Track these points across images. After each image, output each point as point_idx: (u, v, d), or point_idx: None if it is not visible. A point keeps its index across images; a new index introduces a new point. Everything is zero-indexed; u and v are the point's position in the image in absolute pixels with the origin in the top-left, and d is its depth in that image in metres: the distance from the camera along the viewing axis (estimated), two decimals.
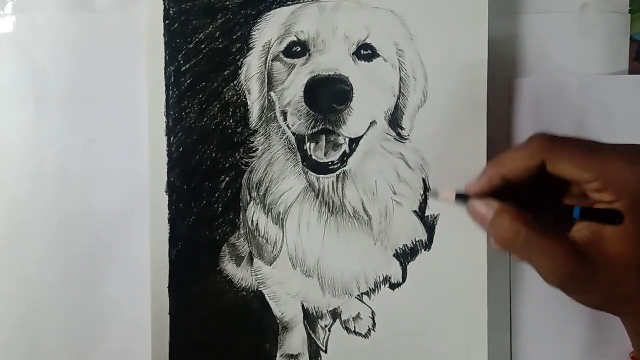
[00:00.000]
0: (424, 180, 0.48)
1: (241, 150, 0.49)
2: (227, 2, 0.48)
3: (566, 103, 0.49)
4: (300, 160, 0.48)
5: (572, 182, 0.36)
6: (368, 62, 0.47)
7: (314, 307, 0.49)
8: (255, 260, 0.49)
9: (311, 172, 0.48)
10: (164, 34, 0.48)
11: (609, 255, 0.34)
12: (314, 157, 0.47)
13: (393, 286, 0.48)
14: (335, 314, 0.49)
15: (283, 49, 0.48)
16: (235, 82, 0.48)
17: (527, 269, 0.48)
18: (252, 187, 0.49)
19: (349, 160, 0.47)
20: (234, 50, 0.48)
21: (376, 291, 0.48)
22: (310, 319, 0.49)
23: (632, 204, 0.34)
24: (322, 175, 0.48)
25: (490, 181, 0.38)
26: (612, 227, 0.34)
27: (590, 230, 0.35)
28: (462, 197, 0.40)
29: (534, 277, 0.48)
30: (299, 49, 0.48)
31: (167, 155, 0.49)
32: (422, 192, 0.48)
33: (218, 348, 0.49)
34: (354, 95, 0.46)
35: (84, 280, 0.51)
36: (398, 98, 0.48)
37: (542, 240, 0.36)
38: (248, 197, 0.49)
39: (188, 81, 0.48)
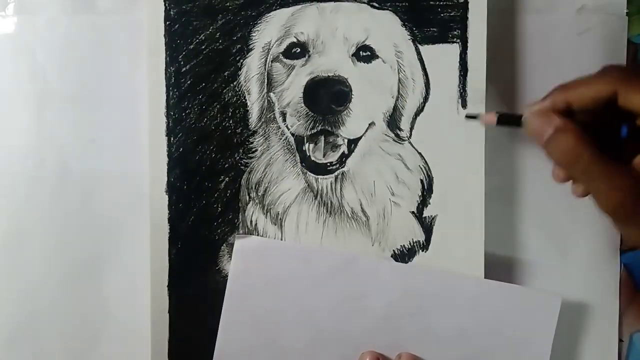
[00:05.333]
0: (422, 181, 0.48)
1: (240, 150, 0.49)
2: (228, 4, 0.48)
3: None
4: (299, 161, 0.48)
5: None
6: (367, 63, 0.48)
7: None
8: None
9: (310, 173, 0.48)
10: (164, 35, 0.48)
11: None
12: (312, 158, 0.48)
13: None
14: None
15: (283, 50, 0.48)
16: (235, 83, 0.49)
17: (524, 271, 0.49)
18: (251, 188, 0.49)
19: (347, 161, 0.48)
20: (234, 51, 0.49)
21: None
22: None
23: None
24: (321, 176, 0.48)
25: (553, 104, 0.37)
26: None
27: None
28: (507, 119, 0.40)
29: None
30: (299, 50, 0.48)
31: (167, 155, 0.49)
32: (420, 193, 0.48)
33: None
34: (353, 96, 0.47)
35: (83, 280, 0.51)
36: (397, 99, 0.48)
37: (603, 165, 0.34)
38: (247, 197, 0.49)
39: (188, 82, 0.49)
